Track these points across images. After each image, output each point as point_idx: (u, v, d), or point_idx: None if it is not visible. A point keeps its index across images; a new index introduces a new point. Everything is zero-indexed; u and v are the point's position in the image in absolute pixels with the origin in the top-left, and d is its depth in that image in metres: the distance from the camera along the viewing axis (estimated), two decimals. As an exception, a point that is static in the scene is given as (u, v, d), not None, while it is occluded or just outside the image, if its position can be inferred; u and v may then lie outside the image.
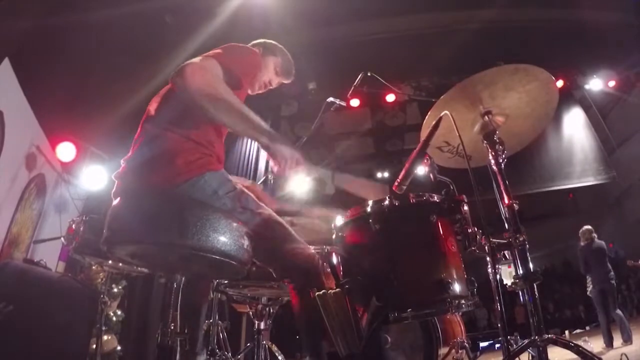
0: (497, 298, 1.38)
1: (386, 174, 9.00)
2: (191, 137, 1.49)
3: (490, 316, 11.85)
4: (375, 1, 5.25)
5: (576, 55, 6.27)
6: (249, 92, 1.88)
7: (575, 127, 6.63)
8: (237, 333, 4.97)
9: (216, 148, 1.59)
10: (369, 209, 1.58)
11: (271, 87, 2.00)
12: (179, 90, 1.41)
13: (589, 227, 6.15)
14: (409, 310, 1.44)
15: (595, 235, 6.05)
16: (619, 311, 5.58)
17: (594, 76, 6.64)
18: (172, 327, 1.39)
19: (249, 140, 5.76)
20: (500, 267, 1.51)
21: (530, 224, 10.72)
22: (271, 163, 1.51)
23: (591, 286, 5.89)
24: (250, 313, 2.54)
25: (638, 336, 5.41)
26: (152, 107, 1.61)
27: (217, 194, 1.46)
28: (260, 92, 1.96)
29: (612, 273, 5.82)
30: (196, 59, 1.47)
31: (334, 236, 1.74)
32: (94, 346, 2.78)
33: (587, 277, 6.01)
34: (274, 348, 3.10)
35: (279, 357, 3.10)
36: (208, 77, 1.41)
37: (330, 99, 2.78)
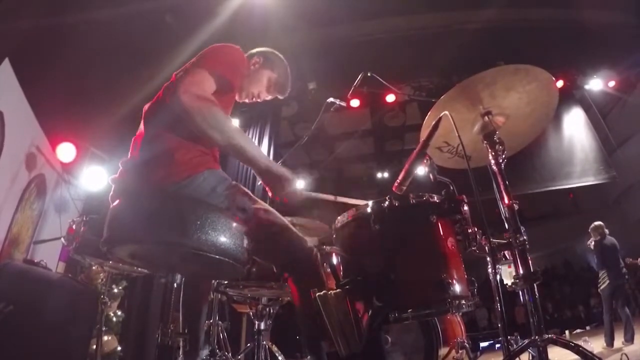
0: (497, 298, 1.38)
1: (386, 174, 9.01)
2: (188, 137, 1.50)
3: (491, 316, 11.84)
4: (375, 1, 5.25)
5: (576, 55, 6.26)
6: (236, 98, 1.85)
7: (575, 127, 6.62)
8: (237, 333, 4.96)
9: (213, 148, 1.59)
10: (369, 210, 1.58)
11: (258, 100, 1.96)
12: (174, 107, 1.41)
13: (600, 223, 6.05)
14: (409, 310, 1.44)
15: (607, 231, 5.98)
16: (627, 310, 5.55)
17: (594, 76, 6.63)
18: (172, 327, 1.39)
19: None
20: (500, 267, 1.51)
21: (531, 224, 10.73)
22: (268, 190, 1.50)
23: (607, 282, 5.73)
24: (251, 313, 2.54)
25: (638, 336, 5.40)
26: (149, 110, 1.61)
27: (216, 192, 1.46)
28: (246, 101, 1.93)
29: (625, 269, 5.75)
30: (184, 74, 1.47)
31: (334, 236, 1.74)
32: (94, 347, 2.78)
33: (601, 273, 5.89)
34: (274, 348, 3.10)
35: (279, 358, 3.10)
36: (200, 94, 1.40)
37: (331, 99, 2.79)
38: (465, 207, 1.57)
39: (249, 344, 3.25)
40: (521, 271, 1.48)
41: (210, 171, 1.49)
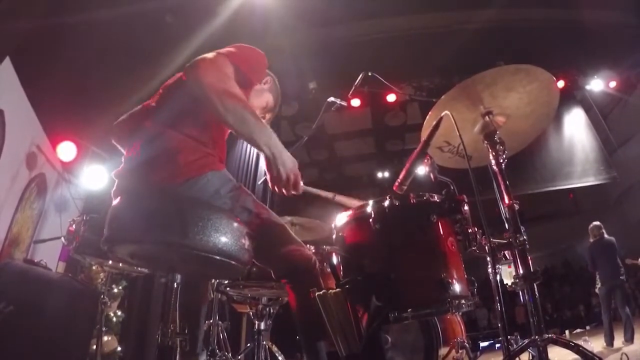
0: (497, 298, 1.38)
1: (387, 174, 9.01)
2: (193, 136, 1.49)
3: (491, 316, 11.85)
4: (375, 1, 5.25)
5: (577, 55, 6.27)
6: None
7: (576, 127, 6.62)
8: (237, 333, 4.97)
9: (218, 148, 1.59)
10: (369, 209, 1.58)
11: None
12: (190, 83, 1.40)
13: (597, 223, 6.09)
14: (409, 310, 1.44)
15: (604, 231, 6.00)
16: (627, 309, 5.55)
17: (595, 77, 6.64)
18: (172, 328, 1.38)
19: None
20: (500, 267, 1.51)
21: (531, 224, 10.73)
22: (267, 176, 1.49)
23: (600, 283, 5.80)
24: (251, 313, 2.54)
25: (638, 336, 5.40)
26: (153, 104, 1.60)
27: (219, 193, 1.45)
28: None
29: (622, 269, 5.75)
30: (209, 55, 1.46)
31: (334, 236, 1.74)
32: (94, 347, 2.78)
33: (596, 274, 5.93)
34: (274, 348, 3.11)
35: (279, 358, 3.10)
36: (220, 75, 1.40)
37: (331, 98, 2.78)
38: (466, 207, 1.56)
39: (249, 344, 3.25)
40: (521, 271, 1.48)
41: (213, 173, 1.48)
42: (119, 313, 3.83)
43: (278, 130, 6.63)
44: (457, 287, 1.46)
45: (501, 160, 1.63)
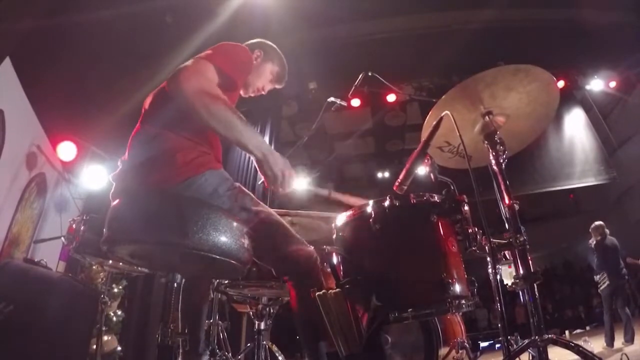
0: (497, 298, 1.37)
1: (387, 174, 9.03)
2: (189, 137, 1.49)
3: (491, 316, 11.86)
4: (375, 1, 5.25)
5: (577, 55, 6.26)
6: (242, 93, 1.88)
7: (576, 127, 6.62)
8: (237, 333, 4.96)
9: (214, 147, 1.59)
10: (369, 209, 1.58)
11: (263, 93, 1.99)
12: (173, 95, 1.39)
13: (601, 222, 6.02)
14: (409, 310, 1.44)
15: (607, 230, 5.96)
16: (627, 310, 5.54)
17: (595, 77, 6.63)
18: (173, 327, 1.38)
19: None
20: (500, 267, 1.51)
21: (531, 224, 10.74)
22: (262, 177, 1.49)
23: (607, 282, 5.72)
24: (251, 313, 2.54)
25: (638, 336, 5.40)
26: (148, 106, 1.60)
27: (217, 192, 1.46)
28: (252, 95, 1.96)
29: (625, 270, 5.72)
30: (189, 63, 1.45)
31: (334, 236, 1.74)
32: (94, 346, 2.79)
33: (601, 273, 5.86)
34: (274, 348, 3.10)
35: (279, 357, 3.10)
36: (202, 82, 1.39)
37: (331, 98, 2.79)
38: (466, 207, 1.56)
39: (249, 344, 3.25)
40: (521, 271, 1.48)
41: (211, 172, 1.49)
42: (119, 313, 3.84)
43: (278, 130, 6.63)
44: (457, 287, 1.46)
45: (501, 161, 1.63)
